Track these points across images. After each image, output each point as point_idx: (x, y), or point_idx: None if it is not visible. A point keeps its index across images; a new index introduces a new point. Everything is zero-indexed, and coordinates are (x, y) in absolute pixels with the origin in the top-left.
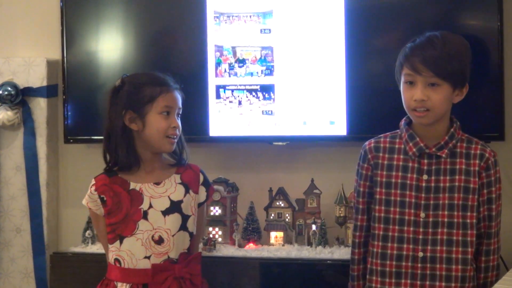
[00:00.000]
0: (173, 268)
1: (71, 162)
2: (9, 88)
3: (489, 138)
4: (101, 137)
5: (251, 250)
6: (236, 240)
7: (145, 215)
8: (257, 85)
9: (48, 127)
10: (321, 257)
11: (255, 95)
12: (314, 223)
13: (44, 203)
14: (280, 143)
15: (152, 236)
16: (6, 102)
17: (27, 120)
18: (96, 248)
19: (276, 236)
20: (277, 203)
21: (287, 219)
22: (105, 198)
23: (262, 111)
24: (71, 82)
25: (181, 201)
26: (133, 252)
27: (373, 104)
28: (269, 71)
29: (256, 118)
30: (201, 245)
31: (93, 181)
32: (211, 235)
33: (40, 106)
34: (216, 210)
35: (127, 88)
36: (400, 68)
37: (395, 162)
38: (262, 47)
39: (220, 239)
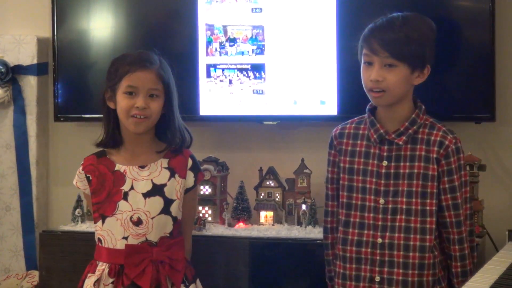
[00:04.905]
0: (151, 250)
1: (61, 140)
2: None
3: (480, 119)
4: (91, 116)
5: (241, 229)
6: (226, 219)
7: (125, 196)
8: (247, 64)
9: (38, 105)
10: (310, 237)
11: (246, 74)
12: (304, 202)
13: (33, 181)
14: (270, 123)
15: (131, 217)
16: None
17: (17, 98)
18: (85, 226)
19: (266, 215)
20: (267, 183)
21: (277, 199)
22: (90, 178)
23: (253, 91)
24: (62, 60)
25: (164, 185)
26: (113, 232)
27: None
28: (260, 50)
29: (246, 97)
30: None
31: (82, 161)
32: (201, 214)
33: (30, 84)
34: (206, 189)
35: (109, 68)
36: (361, 49)
37: (358, 148)
38: (253, 26)
39: (210, 218)
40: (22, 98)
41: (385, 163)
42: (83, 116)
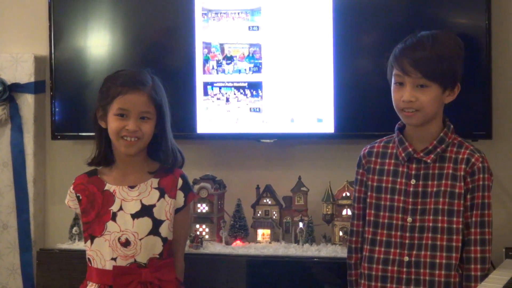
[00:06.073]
0: (139, 272)
1: (58, 158)
2: None
3: (477, 136)
4: (88, 134)
5: (238, 247)
6: (223, 237)
7: (113, 217)
8: (245, 82)
9: (35, 124)
10: (308, 255)
11: (243, 92)
12: (301, 220)
13: (31, 200)
14: (267, 141)
15: (119, 238)
16: None
17: (14, 116)
18: (83, 245)
19: (263, 233)
20: (264, 201)
21: (274, 217)
22: (80, 197)
23: (250, 108)
24: (59, 79)
25: (153, 206)
26: (101, 252)
27: (360, 102)
28: (257, 68)
29: (243, 115)
30: (188, 242)
31: (74, 180)
32: (198, 232)
33: (27, 102)
34: (203, 207)
35: (101, 87)
36: (391, 69)
37: (386, 167)
38: (250, 44)
39: (207, 236)
40: (19, 116)
41: (413, 181)
42: (80, 134)
